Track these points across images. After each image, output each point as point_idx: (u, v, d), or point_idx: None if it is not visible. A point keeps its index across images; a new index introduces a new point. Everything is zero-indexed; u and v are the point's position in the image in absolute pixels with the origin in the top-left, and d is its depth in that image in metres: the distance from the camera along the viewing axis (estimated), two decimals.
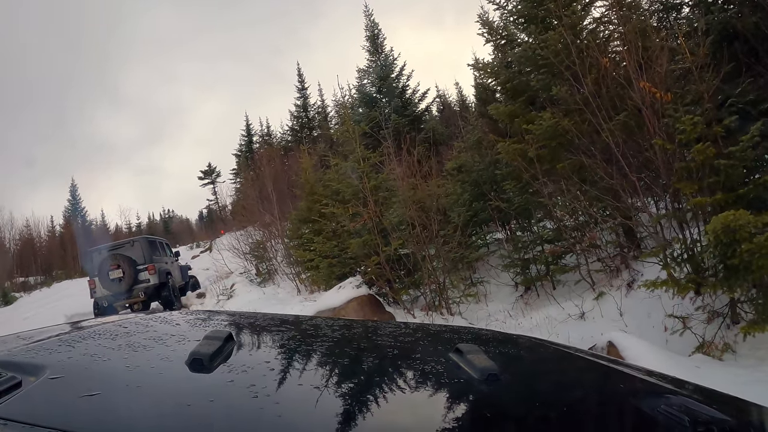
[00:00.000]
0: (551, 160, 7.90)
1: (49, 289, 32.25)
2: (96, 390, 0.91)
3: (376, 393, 1.07)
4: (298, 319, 1.93)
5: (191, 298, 17.00)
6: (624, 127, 6.63)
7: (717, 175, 5.30)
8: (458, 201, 10.32)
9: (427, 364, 1.30)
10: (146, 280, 14.72)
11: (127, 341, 1.30)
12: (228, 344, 1.17)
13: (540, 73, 8.19)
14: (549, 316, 7.27)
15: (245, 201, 21.55)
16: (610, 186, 6.77)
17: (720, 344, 5.29)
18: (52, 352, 1.18)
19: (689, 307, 5.83)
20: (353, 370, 1.24)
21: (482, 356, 1.13)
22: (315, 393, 1.00)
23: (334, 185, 11.51)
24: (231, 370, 1.06)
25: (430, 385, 1.15)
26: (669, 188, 6.10)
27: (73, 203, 56.82)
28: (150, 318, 1.64)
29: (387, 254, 9.16)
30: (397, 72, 23.17)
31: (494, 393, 1.05)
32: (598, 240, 7.82)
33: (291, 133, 37.81)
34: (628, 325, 6.28)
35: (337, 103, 29.25)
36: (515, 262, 9.10)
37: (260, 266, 17.39)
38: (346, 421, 0.89)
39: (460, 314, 8.68)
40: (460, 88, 38.69)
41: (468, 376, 1.08)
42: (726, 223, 4.54)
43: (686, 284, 5.41)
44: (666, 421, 0.91)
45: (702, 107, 5.64)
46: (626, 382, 1.32)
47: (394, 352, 1.45)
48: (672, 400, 0.98)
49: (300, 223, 13.90)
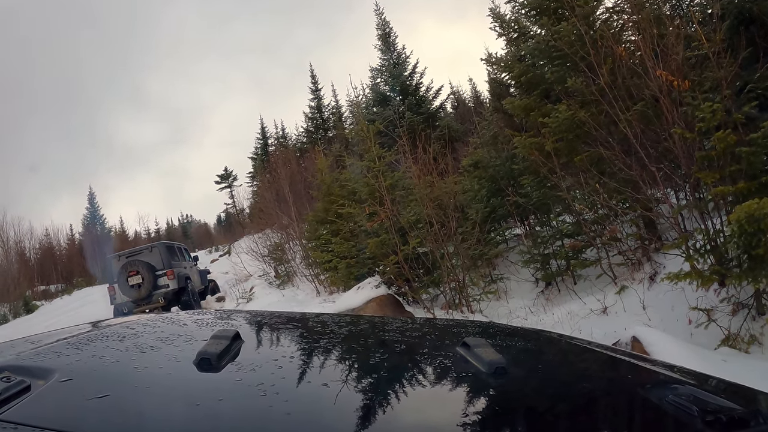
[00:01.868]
0: (568, 153, 7.83)
1: (69, 297, 32.52)
2: (105, 392, 0.92)
3: (383, 388, 1.07)
4: (304, 317, 1.94)
5: (211, 302, 17.12)
6: (641, 117, 6.54)
7: (738, 163, 5.20)
8: (476, 197, 10.31)
9: (435, 358, 1.30)
10: (165, 286, 14.78)
11: (135, 342, 1.31)
12: (235, 343, 1.18)
13: (554, 65, 8.12)
14: (571, 312, 7.19)
15: (262, 204, 21.60)
16: (629, 177, 6.68)
17: (746, 336, 5.19)
18: (61, 355, 1.18)
19: (713, 299, 5.71)
20: (361, 367, 1.24)
21: (490, 349, 1.13)
22: (323, 390, 1.00)
23: (351, 185, 11.53)
24: (239, 369, 1.07)
25: (438, 380, 1.16)
26: (689, 178, 6.00)
27: (91, 211, 57.49)
28: (157, 319, 1.65)
29: (405, 253, 9.13)
30: (410, 70, 23.16)
31: (503, 386, 1.06)
32: (618, 233, 7.72)
33: (306, 135, 37.86)
34: (651, 319, 6.18)
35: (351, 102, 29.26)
36: (535, 257, 9.05)
37: (279, 269, 17.43)
38: (354, 417, 0.89)
39: (480, 312, 8.63)
40: (473, 84, 38.62)
41: (476, 370, 1.08)
42: (750, 212, 4.44)
43: (710, 276, 5.30)
44: (674, 411, 0.91)
45: (721, 94, 5.54)
46: (633, 373, 1.32)
47: (401, 348, 1.45)
48: (680, 390, 0.98)
49: (317, 224, 13.92)
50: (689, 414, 0.87)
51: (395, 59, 23.44)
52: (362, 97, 25.37)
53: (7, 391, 0.85)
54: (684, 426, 0.88)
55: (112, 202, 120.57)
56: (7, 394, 0.85)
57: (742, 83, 6.03)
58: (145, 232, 63.01)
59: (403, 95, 22.37)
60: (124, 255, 15.49)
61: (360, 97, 25.50)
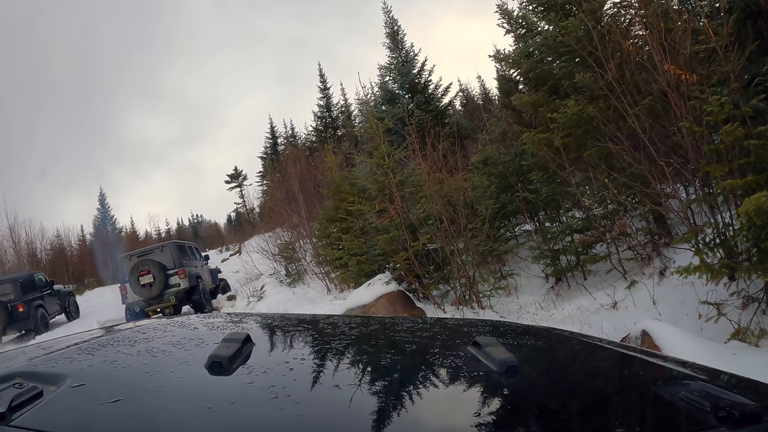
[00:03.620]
0: (577, 148, 7.85)
1: (81, 297, 32.79)
2: (117, 397, 0.92)
3: (395, 389, 1.07)
4: (315, 319, 1.94)
5: (222, 300, 17.22)
6: (650, 111, 6.55)
7: (747, 156, 5.21)
8: (485, 194, 10.32)
9: (446, 358, 1.30)
10: (177, 285, 14.84)
11: (146, 347, 1.31)
12: (246, 346, 1.18)
13: (562, 60, 8.14)
14: (581, 307, 7.21)
15: (272, 203, 21.69)
16: (638, 172, 6.70)
17: (756, 330, 5.20)
18: (72, 360, 1.19)
19: (723, 293, 5.72)
20: (372, 368, 1.24)
21: (500, 348, 1.13)
22: (335, 391, 1.01)
23: (360, 183, 11.57)
24: (250, 372, 1.07)
25: (449, 380, 1.15)
26: (698, 172, 6.00)
27: (102, 212, 57.83)
28: (168, 323, 1.66)
29: (415, 249, 9.18)
30: (418, 68, 23.15)
31: (515, 385, 1.05)
32: (628, 228, 7.73)
33: (315, 134, 37.99)
34: (661, 314, 6.20)
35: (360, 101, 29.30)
36: (545, 253, 9.08)
37: (289, 267, 17.51)
38: (366, 418, 0.90)
39: (491, 308, 8.68)
40: (482, 81, 38.54)
41: (487, 369, 1.07)
42: (759, 205, 4.45)
43: (719, 269, 5.32)
44: (687, 407, 0.90)
45: (728, 88, 5.55)
46: (644, 369, 1.32)
47: (411, 348, 1.45)
48: (692, 386, 0.98)
49: (327, 222, 13.99)
50: (702, 410, 0.87)
51: (403, 57, 23.42)
52: (371, 95, 25.42)
53: (20, 397, 0.86)
54: (697, 422, 0.88)
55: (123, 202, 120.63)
56: (20, 400, 0.85)
57: (750, 76, 6.03)
58: (155, 232, 63.22)
59: (411, 93, 22.35)
60: (135, 255, 15.60)
61: (369, 95, 25.55)
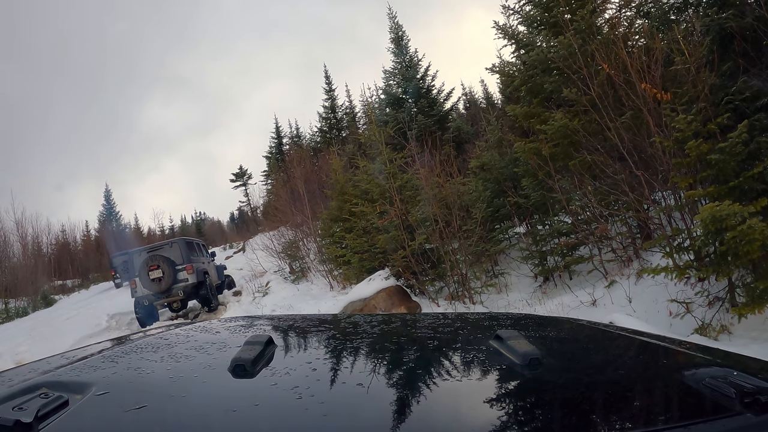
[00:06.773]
0: (564, 157, 8.35)
1: (87, 291, 33.12)
2: (142, 403, 0.94)
3: (418, 386, 1.07)
4: (336, 318, 1.97)
5: (228, 296, 17.45)
6: (629, 126, 7.07)
7: (711, 169, 5.69)
8: (480, 198, 10.74)
9: (469, 353, 1.31)
10: (185, 280, 15.13)
11: (169, 352, 1.33)
12: (269, 348, 1.20)
13: (552, 76, 8.63)
14: (562, 303, 7.73)
15: (277, 202, 21.87)
16: (618, 181, 7.19)
17: (717, 326, 5.71)
18: (96, 369, 1.20)
19: (692, 293, 6.26)
20: (394, 365, 1.24)
21: (523, 341, 1.14)
22: (359, 390, 1.01)
23: (363, 185, 12.08)
24: (273, 374, 1.09)
25: (473, 375, 1.15)
26: (668, 182, 6.50)
27: (107, 208, 58.21)
28: (189, 328, 1.69)
29: (413, 248, 9.74)
30: (422, 73, 23.52)
31: (539, 377, 1.06)
32: (608, 232, 8.24)
33: (320, 135, 38.10)
34: (636, 310, 6.71)
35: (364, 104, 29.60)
36: (533, 254, 9.54)
37: (293, 264, 17.87)
38: (391, 415, 0.90)
39: (481, 303, 9.17)
40: (485, 85, 38.88)
41: (510, 362, 1.09)
42: (713, 213, 4.99)
43: (684, 270, 5.84)
44: (711, 393, 0.90)
45: (697, 106, 6.04)
46: (668, 358, 1.30)
47: (434, 344, 1.45)
48: (716, 373, 0.97)
49: (331, 221, 14.41)
50: (727, 396, 0.87)
51: (407, 62, 23.78)
52: (375, 98, 25.70)
53: (46, 407, 0.87)
54: (723, 409, 0.86)
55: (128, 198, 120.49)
56: (46, 410, 0.87)
57: (722, 95, 6.47)
58: (159, 229, 63.57)
59: (415, 98, 22.78)
60: (145, 250, 15.99)
61: (373, 97, 25.84)
